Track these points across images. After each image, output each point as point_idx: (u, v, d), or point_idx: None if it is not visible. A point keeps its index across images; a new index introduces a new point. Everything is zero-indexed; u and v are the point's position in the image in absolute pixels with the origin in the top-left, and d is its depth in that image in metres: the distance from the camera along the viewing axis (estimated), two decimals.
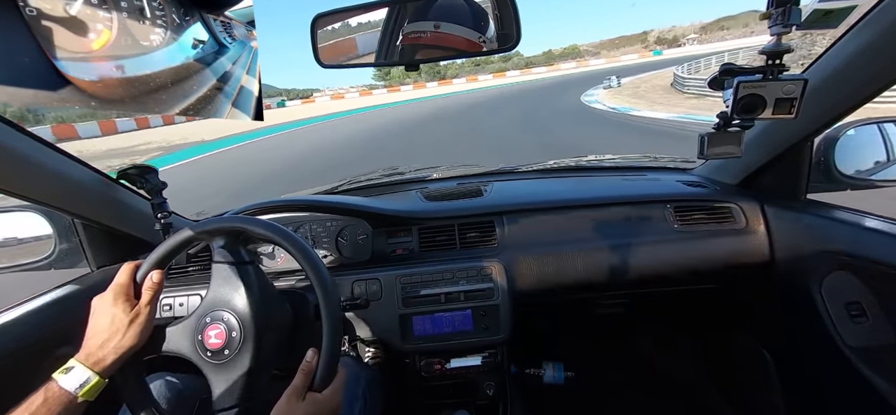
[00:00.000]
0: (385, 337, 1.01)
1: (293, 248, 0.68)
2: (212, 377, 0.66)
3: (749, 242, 1.05)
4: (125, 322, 0.62)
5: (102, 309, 0.63)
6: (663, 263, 1.06)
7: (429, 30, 0.69)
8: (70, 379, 0.57)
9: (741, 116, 0.68)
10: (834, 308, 0.91)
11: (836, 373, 0.93)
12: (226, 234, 0.70)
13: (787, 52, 0.62)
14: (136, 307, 0.64)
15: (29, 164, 0.75)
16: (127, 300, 0.64)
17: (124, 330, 0.62)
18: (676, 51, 63.52)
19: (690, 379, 1.50)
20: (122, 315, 0.62)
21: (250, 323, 0.66)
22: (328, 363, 0.66)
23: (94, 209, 0.92)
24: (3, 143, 0.70)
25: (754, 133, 0.99)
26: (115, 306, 0.63)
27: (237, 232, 0.71)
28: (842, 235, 0.88)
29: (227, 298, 0.68)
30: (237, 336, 0.65)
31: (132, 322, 0.63)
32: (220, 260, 0.69)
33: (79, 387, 0.57)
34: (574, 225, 1.09)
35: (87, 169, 0.89)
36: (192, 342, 0.66)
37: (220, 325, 0.65)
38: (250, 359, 0.66)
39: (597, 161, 1.45)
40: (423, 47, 0.69)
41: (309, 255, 0.68)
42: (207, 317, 0.66)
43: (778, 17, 0.59)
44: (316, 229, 1.11)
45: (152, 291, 0.66)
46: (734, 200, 1.09)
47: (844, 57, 0.75)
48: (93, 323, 0.63)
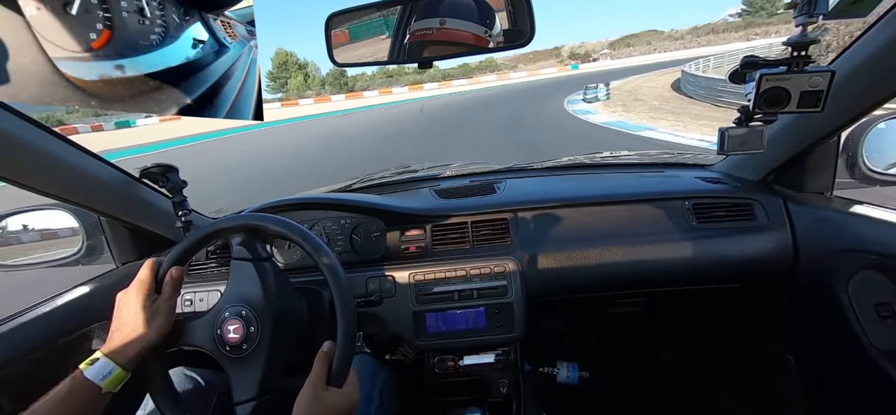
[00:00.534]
0: (399, 334, 1.02)
1: (308, 245, 0.70)
2: (230, 371, 0.68)
3: (772, 240, 1.02)
4: (146, 316, 0.64)
5: (126, 303, 0.66)
6: (681, 262, 1.03)
7: (434, 26, 0.69)
8: (94, 370, 0.59)
9: (764, 111, 0.66)
10: (862, 309, 0.87)
11: (864, 377, 0.90)
12: (244, 231, 0.72)
13: (813, 43, 0.60)
14: (157, 302, 0.67)
15: (58, 164, 0.78)
16: (148, 295, 0.66)
17: (146, 324, 0.64)
18: (592, 65, 65.13)
19: (708, 382, 1.46)
20: (144, 309, 0.65)
21: (268, 318, 0.68)
22: (343, 359, 0.67)
23: (118, 207, 0.95)
24: (34, 144, 0.73)
25: (778, 127, 0.95)
26: (137, 301, 0.65)
27: (255, 229, 0.72)
28: (870, 232, 0.85)
29: (246, 294, 0.69)
30: (255, 331, 0.67)
31: (153, 316, 0.65)
32: (238, 257, 0.71)
33: (102, 378, 0.59)
34: (589, 222, 1.08)
35: (112, 168, 0.92)
36: (212, 337, 0.68)
37: (239, 320, 0.67)
38: (268, 353, 0.67)
39: (613, 158, 1.43)
40: (431, 44, 0.69)
41: (324, 252, 0.70)
42: (226, 312, 0.68)
43: (803, 7, 0.57)
44: (330, 227, 1.12)
45: (172, 287, 0.69)
46: (756, 197, 1.06)
47: (874, 47, 0.72)
48: (117, 317, 0.66)
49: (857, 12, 0.59)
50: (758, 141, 0.74)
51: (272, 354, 0.68)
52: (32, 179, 0.75)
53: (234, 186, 7.37)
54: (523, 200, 1.12)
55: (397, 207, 1.08)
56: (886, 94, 0.76)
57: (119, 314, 0.66)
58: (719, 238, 1.03)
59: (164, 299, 0.67)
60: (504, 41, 0.70)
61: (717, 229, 1.04)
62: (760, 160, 1.09)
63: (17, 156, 0.70)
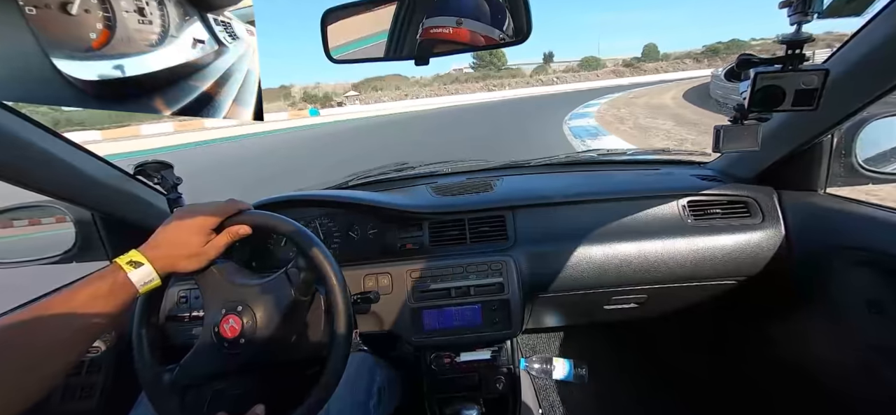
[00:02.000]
0: (396, 331, 1.02)
1: (304, 242, 0.70)
2: (226, 367, 0.68)
3: (766, 237, 1.03)
4: (197, 247, 0.65)
5: (185, 223, 0.65)
6: (677, 259, 1.04)
7: (451, 25, 0.69)
8: (139, 275, 0.58)
9: (759, 109, 0.67)
10: (854, 306, 0.88)
11: (856, 372, 0.91)
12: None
13: (808, 42, 0.60)
14: (212, 242, 0.67)
15: (51, 160, 0.77)
16: (209, 230, 0.66)
17: (193, 254, 0.64)
18: (339, 111, 52.47)
19: (705, 377, 1.48)
20: (198, 238, 0.65)
21: (264, 315, 0.68)
22: (339, 357, 0.67)
23: (112, 204, 0.95)
24: (26, 139, 0.72)
25: (772, 125, 0.96)
26: (198, 226, 0.65)
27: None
28: (863, 230, 0.86)
29: (242, 290, 0.69)
30: (251, 327, 0.67)
31: (200, 252, 0.65)
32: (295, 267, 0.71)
33: (144, 284, 0.59)
34: (585, 220, 1.08)
35: (106, 164, 0.91)
36: (210, 332, 0.68)
37: (236, 316, 0.67)
38: (263, 350, 0.67)
39: (609, 155, 1.43)
40: (439, 42, 0.68)
41: (319, 250, 0.69)
42: (223, 308, 0.68)
43: (798, 5, 0.57)
44: (327, 224, 1.12)
45: (232, 236, 0.69)
46: (751, 195, 1.07)
47: (868, 46, 0.72)
48: (172, 230, 0.64)
49: (851, 11, 0.60)
50: (752, 139, 0.74)
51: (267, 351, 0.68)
52: (26, 176, 0.74)
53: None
54: (520, 198, 1.12)
55: (394, 205, 1.08)
56: (880, 93, 0.77)
57: (174, 228, 0.64)
58: (714, 235, 1.04)
59: (214, 246, 0.67)
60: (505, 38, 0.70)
61: (712, 227, 1.05)
62: (755, 158, 1.09)
63: (11, 152, 0.70)
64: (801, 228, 1.00)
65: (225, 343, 0.66)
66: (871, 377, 0.85)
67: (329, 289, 0.68)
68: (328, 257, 0.69)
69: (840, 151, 0.95)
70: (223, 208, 0.69)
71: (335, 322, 0.68)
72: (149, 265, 0.59)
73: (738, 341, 1.38)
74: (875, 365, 0.84)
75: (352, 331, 0.70)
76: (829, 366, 1.01)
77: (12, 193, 0.78)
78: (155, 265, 0.60)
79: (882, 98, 0.78)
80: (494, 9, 0.68)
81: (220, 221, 0.68)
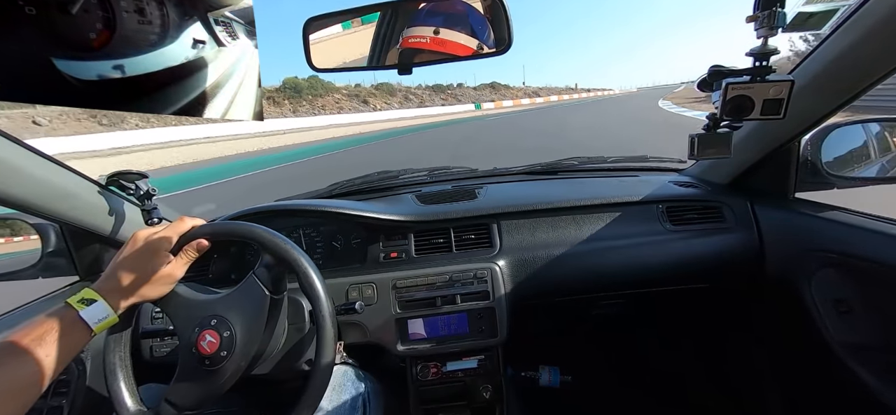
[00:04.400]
0: (381, 341, 1.00)
1: (286, 254, 0.68)
2: (212, 387, 0.65)
3: (740, 240, 1.06)
4: (156, 271, 0.61)
5: (141, 248, 0.61)
6: (657, 263, 1.06)
7: (428, 35, 0.69)
8: (91, 312, 0.55)
9: (730, 117, 0.69)
10: (823, 305, 0.92)
11: (826, 369, 0.94)
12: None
13: (773, 54, 0.63)
14: (172, 263, 0.64)
15: (11, 169, 0.73)
16: (166, 252, 0.63)
17: (151, 278, 0.61)
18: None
19: (687, 378, 1.51)
20: (156, 263, 0.61)
21: (240, 322, 0.66)
22: (324, 371, 0.65)
23: (81, 216, 0.90)
24: None
25: (743, 133, 1.00)
26: (154, 250, 0.62)
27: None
28: (829, 232, 0.90)
29: (213, 304, 0.67)
30: (229, 338, 0.64)
31: (161, 275, 0.62)
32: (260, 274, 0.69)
33: (97, 322, 0.55)
34: (568, 227, 1.10)
35: (74, 174, 0.87)
36: (188, 354, 0.65)
37: (211, 330, 0.65)
38: (245, 360, 0.65)
39: (590, 162, 1.46)
40: (419, 51, 0.69)
41: (302, 262, 0.68)
42: (196, 326, 0.65)
43: (764, 20, 0.60)
44: (310, 234, 1.10)
45: (194, 252, 0.66)
46: (724, 200, 1.11)
47: (830, 58, 0.77)
48: (128, 260, 0.61)
49: (812, 26, 0.63)
50: (724, 146, 0.77)
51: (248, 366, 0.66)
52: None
53: None
54: (504, 206, 1.13)
55: (379, 214, 1.07)
56: (842, 102, 0.82)
57: (129, 257, 0.61)
58: (691, 240, 1.07)
59: (177, 266, 0.64)
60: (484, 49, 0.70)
61: (689, 231, 1.08)
62: (728, 164, 1.14)
63: None
64: (772, 231, 1.04)
65: (206, 361, 0.63)
66: (841, 373, 0.88)
67: (301, 274, 0.66)
68: (294, 248, 0.68)
69: (806, 157, 1.00)
70: (175, 227, 0.66)
71: (318, 335, 0.66)
72: (102, 301, 0.56)
73: (718, 341, 1.41)
74: (843, 361, 0.88)
75: (336, 345, 0.69)
76: (802, 363, 1.04)
77: None
78: (110, 300, 0.57)
79: (845, 107, 0.83)
80: (475, 20, 0.69)
81: (176, 240, 0.65)
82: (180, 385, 0.64)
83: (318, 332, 0.66)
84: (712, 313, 1.38)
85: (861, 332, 0.87)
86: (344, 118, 29.13)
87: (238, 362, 0.64)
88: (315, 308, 0.66)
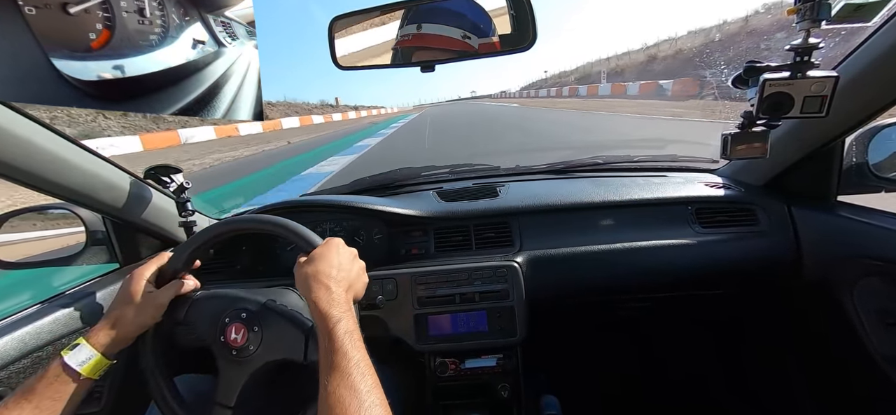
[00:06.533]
0: (400, 336, 1.01)
1: (310, 247, 0.70)
2: (232, 374, 0.68)
3: (774, 245, 1.01)
4: (135, 307, 0.65)
5: (121, 291, 0.67)
6: (684, 267, 1.03)
7: (412, 32, 0.70)
8: (72, 356, 0.59)
9: (767, 116, 0.66)
10: (866, 316, 0.86)
11: (868, 384, 0.89)
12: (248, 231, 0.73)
13: (816, 49, 0.60)
14: (151, 295, 0.67)
15: (62, 163, 0.79)
16: (145, 286, 0.67)
17: (131, 314, 0.65)
18: None
19: (712, 386, 1.45)
20: (134, 300, 0.66)
21: (269, 321, 0.68)
22: None
23: (122, 207, 0.96)
24: (39, 144, 0.73)
25: (781, 132, 0.95)
26: (131, 290, 0.66)
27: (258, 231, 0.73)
28: (875, 239, 0.84)
29: (249, 297, 0.70)
30: (258, 334, 0.67)
31: (141, 309, 0.66)
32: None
33: (80, 364, 0.59)
34: (591, 227, 1.07)
35: (116, 168, 0.93)
36: (214, 329, 0.68)
37: (241, 323, 0.67)
38: (270, 356, 0.67)
39: (616, 161, 1.42)
40: (432, 50, 0.69)
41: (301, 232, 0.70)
42: (227, 315, 0.68)
43: (806, 12, 0.57)
44: (333, 228, 1.12)
45: (172, 288, 0.69)
46: (759, 202, 1.06)
47: (878, 52, 0.72)
48: (115, 299, 0.67)
49: (860, 17, 0.59)
50: (761, 146, 0.74)
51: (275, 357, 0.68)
52: (37, 179, 0.76)
53: None
54: (525, 204, 1.11)
55: (400, 210, 1.08)
56: (892, 99, 0.76)
57: (117, 298, 0.67)
58: (722, 243, 1.03)
59: (158, 295, 0.68)
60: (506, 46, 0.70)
61: (720, 234, 1.04)
62: (764, 165, 1.08)
63: (24, 156, 0.71)
64: (811, 236, 0.99)
65: (233, 352, 0.66)
66: (883, 388, 0.83)
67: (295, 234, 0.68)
68: (273, 220, 0.69)
69: (851, 158, 0.94)
70: (157, 259, 0.71)
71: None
72: (85, 345, 0.61)
73: (747, 349, 1.35)
74: (888, 375, 0.82)
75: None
76: (840, 376, 0.99)
77: (25, 195, 0.79)
78: (92, 342, 0.61)
79: (893, 105, 0.77)
80: (481, 16, 0.69)
81: (155, 272, 0.69)
82: (232, 388, 0.67)
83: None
84: (743, 320, 1.33)
85: None
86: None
87: (268, 343, 0.67)
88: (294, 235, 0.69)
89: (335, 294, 0.60)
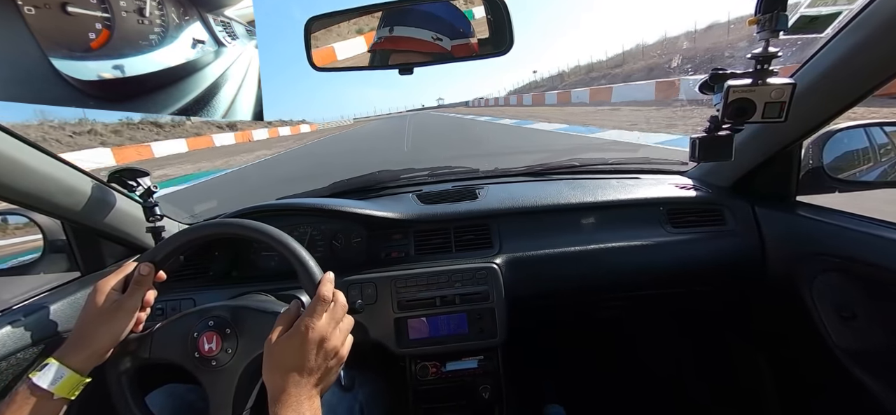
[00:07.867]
0: (380, 341, 1.00)
1: (287, 251, 0.68)
2: (219, 387, 0.65)
3: (741, 244, 1.06)
4: (103, 318, 0.60)
5: (86, 303, 0.62)
6: (657, 266, 1.06)
7: (385, 34, 0.69)
8: (42, 375, 0.55)
9: (732, 120, 0.69)
10: (824, 310, 0.91)
11: (827, 375, 0.94)
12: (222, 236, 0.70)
13: (775, 57, 0.63)
14: (118, 302, 0.62)
15: (15, 166, 0.74)
16: (109, 295, 0.62)
17: (99, 326, 0.60)
18: None
19: (687, 381, 1.50)
20: (102, 311, 0.61)
21: (241, 319, 0.66)
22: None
23: (83, 212, 0.91)
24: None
25: (745, 136, 1.00)
26: (96, 300, 0.61)
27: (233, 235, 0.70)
28: (831, 237, 0.89)
29: (213, 305, 0.67)
30: (231, 335, 0.65)
31: (110, 319, 0.61)
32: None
33: (52, 383, 0.55)
34: (569, 228, 1.09)
35: (76, 171, 0.88)
36: (184, 348, 0.65)
37: (211, 331, 0.65)
38: (252, 353, 0.65)
39: (591, 163, 1.46)
40: (410, 52, 0.69)
41: (303, 259, 0.68)
42: (194, 330, 0.65)
43: (765, 23, 0.60)
44: (311, 232, 1.10)
45: (140, 288, 0.64)
46: (726, 203, 1.10)
47: (832, 61, 0.76)
48: (81, 314, 0.61)
49: (814, 29, 0.63)
50: (726, 149, 0.77)
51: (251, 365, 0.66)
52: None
53: None
54: (505, 206, 1.13)
55: (379, 213, 1.07)
56: (845, 105, 0.81)
57: (82, 311, 0.61)
58: (693, 243, 1.07)
59: (126, 299, 0.62)
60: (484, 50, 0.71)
61: (690, 234, 1.08)
62: (730, 167, 1.13)
63: None
64: (773, 235, 1.04)
65: (212, 362, 0.64)
66: (843, 380, 0.88)
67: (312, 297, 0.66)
68: (312, 266, 0.67)
69: (808, 160, 0.99)
70: (123, 268, 0.65)
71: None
72: (54, 363, 0.56)
73: (719, 345, 1.41)
74: (846, 367, 0.87)
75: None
76: (803, 369, 1.04)
77: None
78: (62, 359, 0.57)
79: (848, 110, 0.82)
80: (459, 19, 0.69)
81: (121, 280, 0.64)
82: (211, 397, 0.64)
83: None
84: (714, 316, 1.38)
85: (864, 338, 0.86)
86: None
87: (243, 351, 0.65)
88: (312, 295, 0.66)
89: (292, 396, 0.54)
